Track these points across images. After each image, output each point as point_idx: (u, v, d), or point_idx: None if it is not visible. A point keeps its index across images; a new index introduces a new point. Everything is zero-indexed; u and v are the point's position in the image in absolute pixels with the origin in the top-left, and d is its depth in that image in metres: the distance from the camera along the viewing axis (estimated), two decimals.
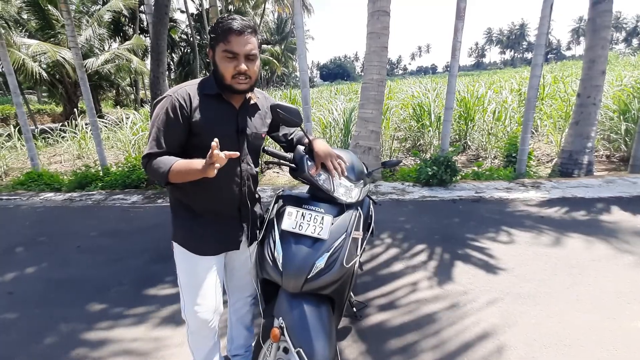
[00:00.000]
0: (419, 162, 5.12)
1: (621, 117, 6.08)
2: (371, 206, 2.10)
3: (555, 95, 7.85)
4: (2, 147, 7.75)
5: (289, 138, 1.61)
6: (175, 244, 1.40)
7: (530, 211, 3.83)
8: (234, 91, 1.26)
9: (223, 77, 1.23)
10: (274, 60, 29.11)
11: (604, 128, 6.40)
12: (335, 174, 1.40)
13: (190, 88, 1.28)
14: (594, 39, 4.89)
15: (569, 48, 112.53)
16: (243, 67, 1.21)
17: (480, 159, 6.69)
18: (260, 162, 1.57)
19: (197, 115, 1.25)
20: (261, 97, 1.46)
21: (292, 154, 1.55)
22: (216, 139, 1.04)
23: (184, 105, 1.23)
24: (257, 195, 1.51)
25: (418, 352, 1.93)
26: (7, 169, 7.42)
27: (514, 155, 5.38)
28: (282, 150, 1.66)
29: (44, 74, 11.98)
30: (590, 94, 4.94)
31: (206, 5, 15.74)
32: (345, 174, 1.47)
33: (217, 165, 1.06)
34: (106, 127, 9.27)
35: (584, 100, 5.00)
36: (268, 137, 1.59)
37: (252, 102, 1.37)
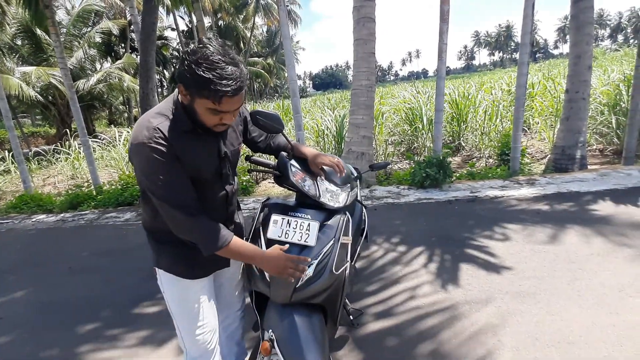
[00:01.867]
0: (413, 164, 5.11)
1: (611, 111, 6.11)
2: (364, 211, 2.07)
3: (546, 92, 7.90)
4: None
5: (263, 141, 1.55)
6: (160, 271, 1.30)
7: (526, 208, 3.80)
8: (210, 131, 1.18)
9: (203, 122, 1.12)
10: (266, 74, 29.36)
11: (596, 122, 6.43)
12: (337, 170, 1.44)
13: (161, 125, 1.10)
14: (578, 36, 4.94)
15: (556, 47, 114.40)
16: (230, 121, 1.13)
17: (475, 159, 6.70)
18: (238, 177, 1.51)
19: (181, 152, 1.12)
20: None
21: (275, 161, 1.52)
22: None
23: (166, 144, 1.08)
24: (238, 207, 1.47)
25: (418, 356, 1.88)
26: (1, 193, 7.35)
27: (507, 153, 5.38)
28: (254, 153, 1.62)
29: (39, 97, 12.02)
30: (579, 89, 4.97)
31: (195, 21, 15.89)
32: (345, 171, 1.47)
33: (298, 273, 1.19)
34: (99, 146, 9.24)
35: (572, 96, 5.03)
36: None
37: None
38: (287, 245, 1.27)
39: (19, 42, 13.39)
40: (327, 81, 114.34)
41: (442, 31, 4.72)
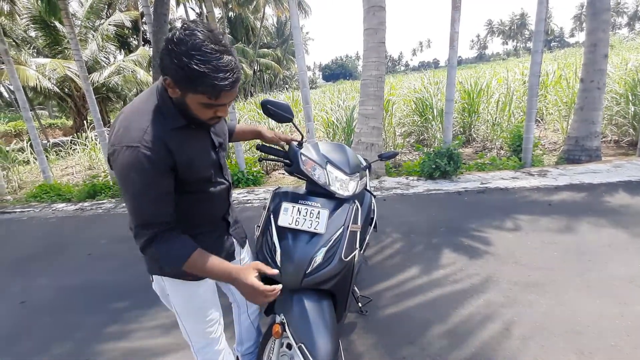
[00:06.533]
0: (422, 156, 5.10)
1: (629, 101, 5.94)
2: (373, 200, 2.10)
3: (561, 82, 7.71)
4: (15, 161, 7.94)
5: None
6: (161, 278, 1.23)
7: (537, 199, 3.77)
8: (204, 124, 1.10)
9: (196, 117, 1.03)
10: (276, 65, 29.23)
11: (612, 113, 6.27)
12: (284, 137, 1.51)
13: (153, 128, 0.99)
14: (594, 23, 4.80)
15: (572, 35, 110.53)
16: (224, 114, 1.05)
17: (486, 150, 6.62)
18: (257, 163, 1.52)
19: (177, 156, 1.03)
20: None
21: (286, 150, 1.56)
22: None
23: (157, 149, 0.98)
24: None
25: (426, 345, 1.92)
26: (22, 183, 7.60)
27: (519, 144, 5.31)
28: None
29: (55, 89, 12.29)
30: (594, 78, 4.85)
31: (205, 12, 15.87)
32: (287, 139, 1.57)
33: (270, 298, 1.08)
34: None
35: (587, 85, 4.92)
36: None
37: None
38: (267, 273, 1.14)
39: (32, 34, 13.63)
40: (337, 72, 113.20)
41: (454, 19, 4.65)
